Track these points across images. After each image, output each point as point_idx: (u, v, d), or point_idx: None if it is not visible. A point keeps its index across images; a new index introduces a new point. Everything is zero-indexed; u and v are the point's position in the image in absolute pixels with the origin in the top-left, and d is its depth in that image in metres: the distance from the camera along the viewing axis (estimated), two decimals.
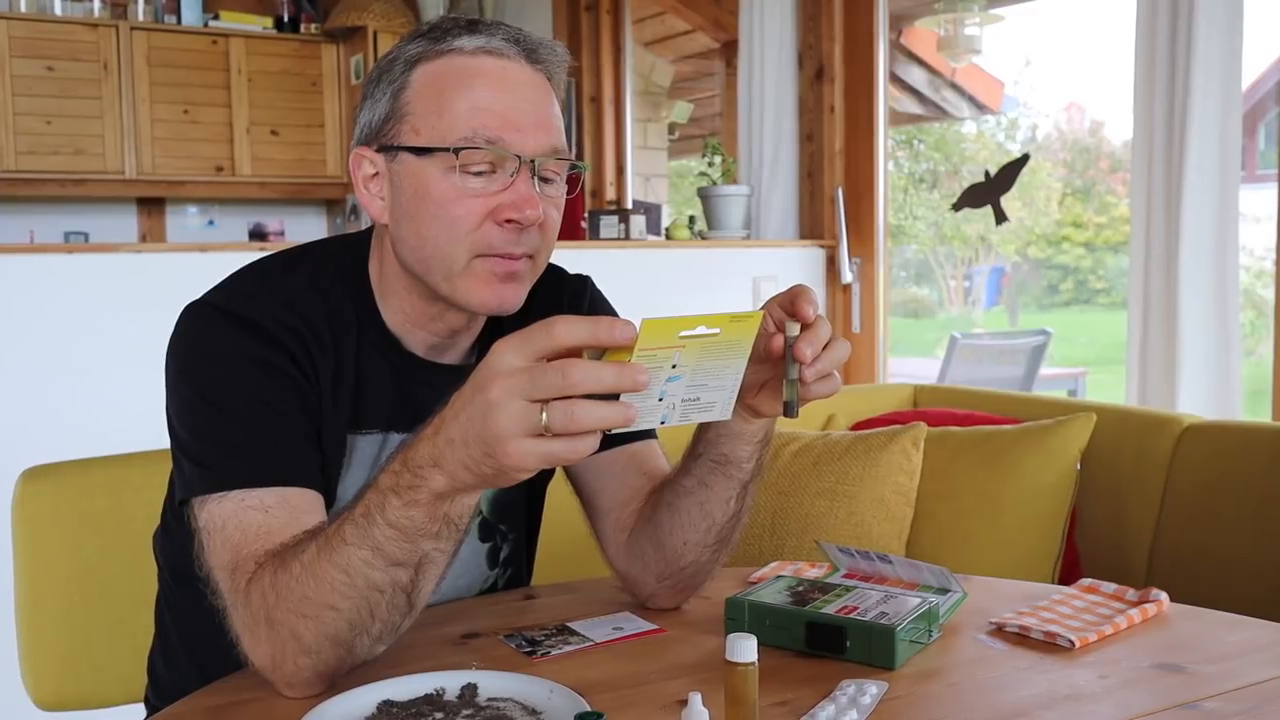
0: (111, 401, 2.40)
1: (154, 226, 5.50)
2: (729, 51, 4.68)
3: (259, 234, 5.61)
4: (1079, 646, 1.07)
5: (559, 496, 1.28)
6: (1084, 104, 12.51)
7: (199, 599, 1.02)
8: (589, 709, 0.87)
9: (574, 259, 1.41)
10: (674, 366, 0.80)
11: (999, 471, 2.15)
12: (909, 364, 6.57)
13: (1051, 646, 1.08)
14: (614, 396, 0.76)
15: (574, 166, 1.11)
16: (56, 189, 4.97)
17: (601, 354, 0.77)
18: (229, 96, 5.23)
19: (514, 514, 1.26)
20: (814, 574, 1.28)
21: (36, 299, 2.40)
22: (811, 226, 3.45)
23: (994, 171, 3.13)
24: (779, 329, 0.95)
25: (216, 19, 5.28)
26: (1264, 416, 2.49)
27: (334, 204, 5.79)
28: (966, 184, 3.22)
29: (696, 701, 0.83)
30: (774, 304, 0.97)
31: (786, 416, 0.97)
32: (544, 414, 0.75)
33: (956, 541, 2.14)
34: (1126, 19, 2.55)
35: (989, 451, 2.19)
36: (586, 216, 3.42)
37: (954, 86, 6.28)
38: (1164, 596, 1.19)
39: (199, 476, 1.02)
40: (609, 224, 3.36)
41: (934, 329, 11.80)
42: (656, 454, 1.23)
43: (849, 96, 3.36)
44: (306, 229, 5.79)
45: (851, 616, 1.04)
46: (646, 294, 3.05)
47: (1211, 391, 2.40)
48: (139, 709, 1.32)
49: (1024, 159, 3.22)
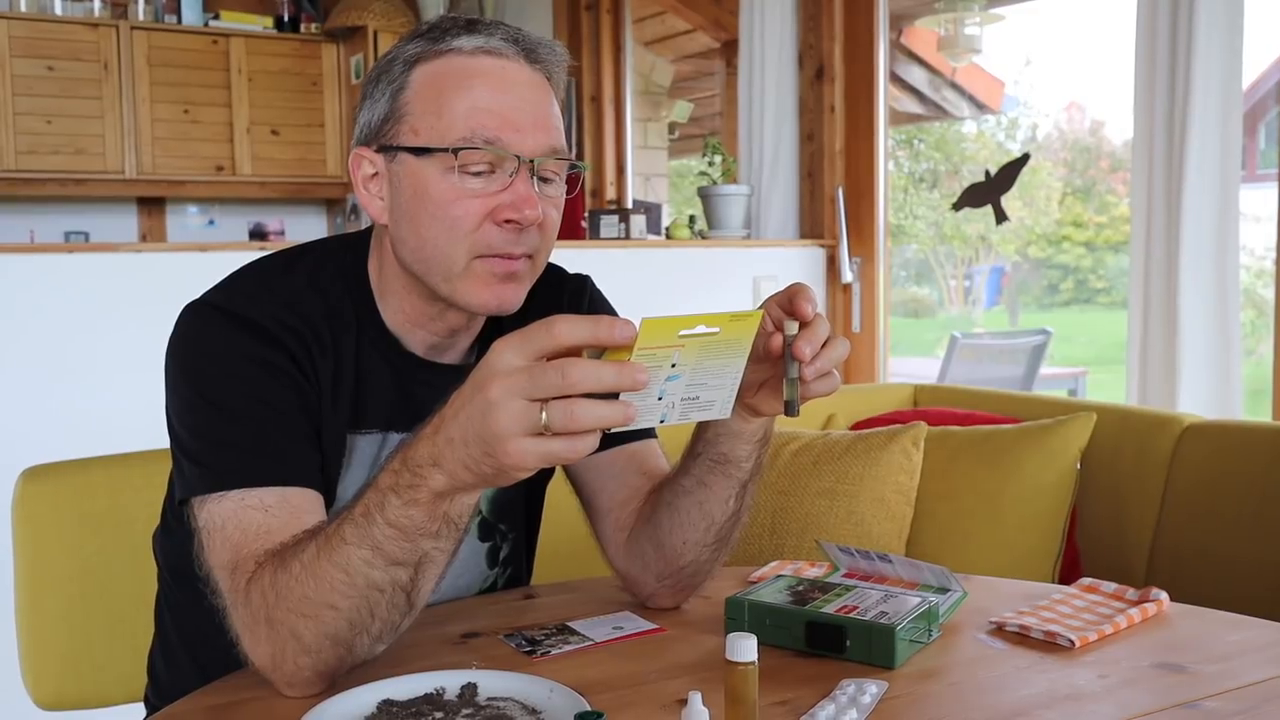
0: (111, 401, 2.40)
1: (154, 226, 5.50)
2: (729, 51, 4.68)
3: (259, 234, 5.61)
4: (1079, 646, 1.07)
5: (559, 496, 1.28)
6: (1084, 103, 12.51)
7: (199, 599, 1.03)
8: (589, 708, 0.87)
9: (574, 259, 1.41)
10: (673, 365, 0.79)
11: (999, 471, 2.15)
12: (909, 363, 6.58)
13: (1051, 646, 1.08)
14: (613, 395, 0.76)
15: (573, 166, 1.11)
16: (57, 189, 4.97)
17: (601, 353, 0.77)
18: (229, 96, 5.23)
19: (514, 513, 1.26)
20: (814, 573, 1.28)
21: (36, 299, 2.40)
22: (812, 226, 3.44)
23: (994, 171, 3.12)
24: (778, 328, 0.95)
25: (217, 19, 5.29)
26: (1264, 416, 2.49)
27: (334, 204, 5.80)
28: (966, 184, 3.22)
29: (696, 701, 0.83)
30: (772, 303, 0.97)
31: (787, 415, 0.97)
32: (544, 413, 0.75)
33: (956, 541, 2.14)
34: (1127, 19, 2.55)
35: (989, 451, 2.19)
36: (586, 216, 3.42)
37: (954, 86, 6.27)
38: (1164, 596, 1.19)
39: (199, 476, 1.02)
40: (609, 224, 3.36)
41: (934, 329, 11.80)
42: (656, 453, 1.23)
43: (849, 96, 3.36)
44: (306, 229, 5.79)
45: (851, 616, 1.04)
46: (646, 294, 3.05)
47: (1212, 391, 2.40)
48: (139, 709, 1.32)
49: (1024, 158, 3.21)
